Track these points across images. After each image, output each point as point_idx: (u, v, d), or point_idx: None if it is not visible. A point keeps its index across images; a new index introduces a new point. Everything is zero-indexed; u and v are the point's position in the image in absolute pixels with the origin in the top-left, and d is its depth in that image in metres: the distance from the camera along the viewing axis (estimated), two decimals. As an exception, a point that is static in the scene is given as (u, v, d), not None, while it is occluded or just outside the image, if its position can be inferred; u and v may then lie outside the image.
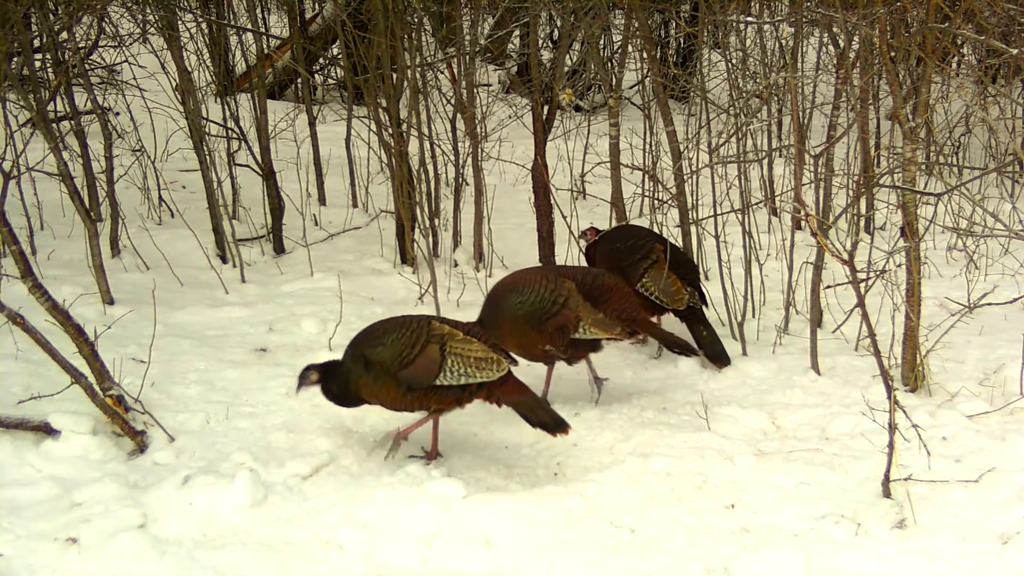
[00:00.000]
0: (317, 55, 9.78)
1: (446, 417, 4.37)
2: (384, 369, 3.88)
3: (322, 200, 7.30)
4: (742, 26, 7.19)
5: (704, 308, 5.10)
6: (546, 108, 6.22)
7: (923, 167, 6.52)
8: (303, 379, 4.02)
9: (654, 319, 5.17)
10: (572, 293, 4.46)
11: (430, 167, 6.29)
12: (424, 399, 3.93)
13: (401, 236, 6.25)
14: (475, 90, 6.25)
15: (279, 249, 6.40)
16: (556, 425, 3.96)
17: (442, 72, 7.41)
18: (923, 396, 4.53)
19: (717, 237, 5.37)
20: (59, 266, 5.74)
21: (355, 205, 7.28)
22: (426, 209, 6.23)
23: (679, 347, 4.67)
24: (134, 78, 7.43)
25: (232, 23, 8.46)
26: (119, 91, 7.40)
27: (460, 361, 3.90)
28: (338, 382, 4.01)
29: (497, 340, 4.46)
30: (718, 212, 5.35)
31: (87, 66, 6.77)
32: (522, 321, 4.42)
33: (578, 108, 9.58)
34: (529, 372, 4.49)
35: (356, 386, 3.96)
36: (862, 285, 4.07)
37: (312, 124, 7.19)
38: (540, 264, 6.16)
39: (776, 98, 7.50)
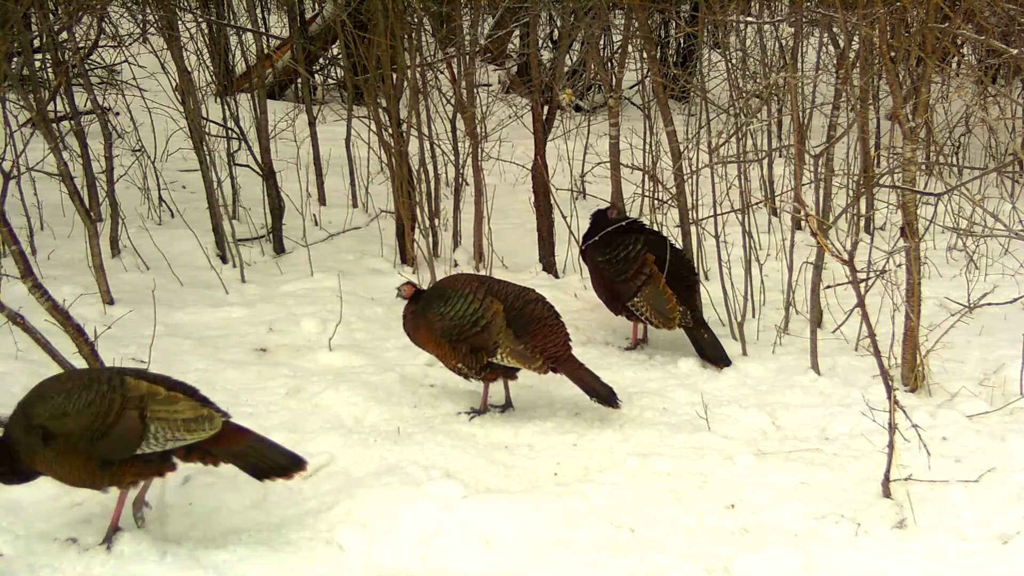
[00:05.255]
0: (317, 55, 9.78)
1: (446, 415, 4.39)
2: (71, 444, 3.25)
3: (322, 200, 7.30)
4: (742, 26, 7.19)
5: (696, 318, 5.03)
6: (546, 108, 6.22)
7: (923, 167, 6.52)
8: None
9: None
10: (496, 316, 4.26)
11: (430, 167, 6.29)
12: (119, 473, 3.33)
13: (401, 236, 6.25)
14: (475, 90, 6.25)
15: (279, 249, 6.40)
16: (291, 465, 3.47)
17: (442, 72, 7.40)
18: (923, 396, 4.53)
19: (717, 237, 5.37)
20: (59, 266, 5.74)
21: (355, 205, 7.28)
22: (426, 209, 6.23)
23: (599, 398, 4.29)
24: (134, 78, 7.43)
25: (232, 23, 8.46)
26: (119, 91, 7.40)
27: (166, 426, 3.32)
28: (5, 458, 3.32)
29: (417, 342, 4.46)
30: (718, 212, 5.35)
31: (87, 66, 6.77)
32: (438, 333, 4.30)
33: (578, 108, 9.57)
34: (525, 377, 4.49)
35: (30, 460, 3.30)
36: (862, 285, 4.07)
37: (312, 124, 7.18)
38: (541, 261, 6.17)
39: (776, 98, 7.50)
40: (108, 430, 3.27)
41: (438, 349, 4.37)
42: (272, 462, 3.44)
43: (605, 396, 4.29)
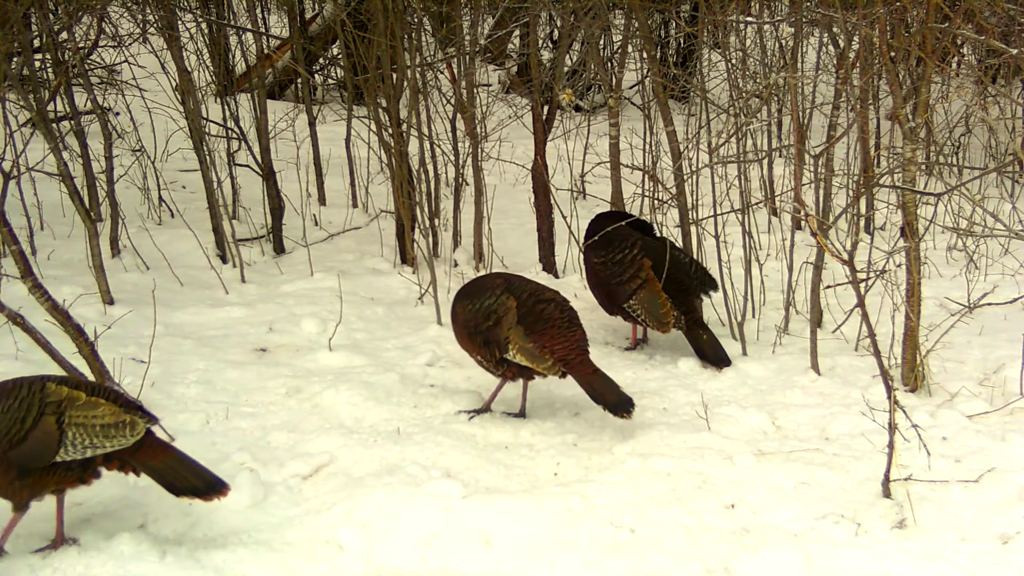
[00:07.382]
0: (317, 55, 9.78)
1: (446, 415, 4.39)
2: None
3: (322, 200, 7.30)
4: (742, 26, 7.19)
5: (694, 320, 5.04)
6: (546, 108, 6.22)
7: (923, 167, 6.52)
8: None
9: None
10: (509, 312, 4.24)
11: (430, 167, 6.29)
12: (40, 482, 3.28)
13: (401, 236, 6.25)
14: (475, 90, 6.25)
15: (279, 249, 6.40)
16: (208, 488, 3.43)
17: (442, 72, 7.40)
18: (923, 396, 4.53)
19: (717, 237, 5.37)
20: (59, 266, 5.74)
21: (355, 205, 7.28)
22: (426, 209, 6.22)
23: (606, 405, 4.13)
24: (134, 78, 7.43)
25: (232, 23, 8.46)
26: (119, 91, 7.40)
27: (84, 432, 3.27)
28: None
29: (455, 335, 4.49)
30: (718, 212, 5.35)
31: (87, 66, 6.77)
32: (461, 326, 4.38)
33: (578, 108, 9.57)
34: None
35: None
36: (862, 285, 4.07)
37: (312, 124, 7.18)
38: (541, 261, 6.17)
39: (776, 98, 7.49)
40: (26, 436, 3.22)
41: (462, 341, 4.43)
42: (188, 483, 3.43)
43: (613, 403, 4.12)
